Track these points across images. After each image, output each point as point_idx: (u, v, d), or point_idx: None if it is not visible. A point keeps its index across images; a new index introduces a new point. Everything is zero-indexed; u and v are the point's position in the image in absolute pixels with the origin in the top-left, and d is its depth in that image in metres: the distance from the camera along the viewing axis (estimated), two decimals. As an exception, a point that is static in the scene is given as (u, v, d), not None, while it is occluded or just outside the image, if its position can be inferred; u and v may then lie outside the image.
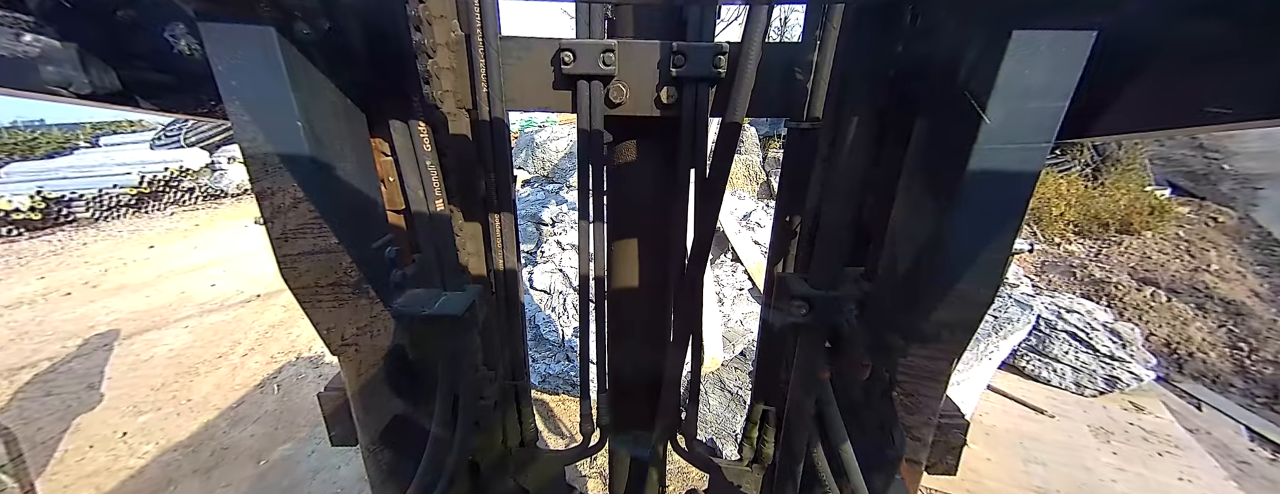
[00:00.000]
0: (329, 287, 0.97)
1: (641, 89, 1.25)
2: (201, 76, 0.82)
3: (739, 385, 5.00)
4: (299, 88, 0.80)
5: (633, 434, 1.89)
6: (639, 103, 1.27)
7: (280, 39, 0.76)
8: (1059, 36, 0.65)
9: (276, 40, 0.75)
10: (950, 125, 0.79)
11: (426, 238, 1.30)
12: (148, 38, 0.83)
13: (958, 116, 0.73)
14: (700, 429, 4.97)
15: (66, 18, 0.74)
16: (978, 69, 0.72)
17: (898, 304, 0.96)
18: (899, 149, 0.99)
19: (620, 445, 1.94)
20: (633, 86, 1.25)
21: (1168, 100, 0.66)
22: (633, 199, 1.52)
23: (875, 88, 1.05)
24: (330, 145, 0.93)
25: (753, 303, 5.94)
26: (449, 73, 1.22)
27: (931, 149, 0.88)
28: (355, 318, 1.04)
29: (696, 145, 1.32)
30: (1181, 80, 0.64)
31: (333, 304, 0.99)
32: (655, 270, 1.61)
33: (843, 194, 1.18)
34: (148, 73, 0.85)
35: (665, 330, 1.72)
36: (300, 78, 0.81)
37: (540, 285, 6.46)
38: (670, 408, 1.74)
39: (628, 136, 1.44)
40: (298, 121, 0.81)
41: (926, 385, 0.97)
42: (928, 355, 0.93)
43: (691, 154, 1.33)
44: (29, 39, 0.71)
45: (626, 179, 1.50)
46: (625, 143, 1.45)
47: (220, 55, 0.74)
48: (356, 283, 0.99)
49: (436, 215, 1.29)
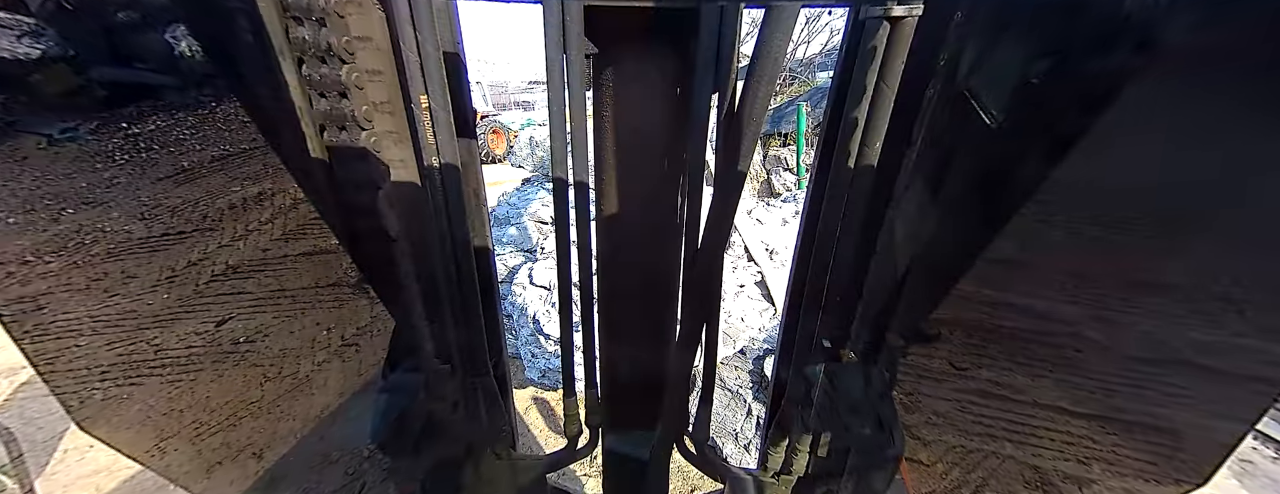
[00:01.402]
0: (329, 287, 0.97)
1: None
2: (202, 77, 0.82)
3: (739, 384, 5.00)
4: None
5: (630, 436, 1.66)
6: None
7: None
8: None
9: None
10: (955, 124, 0.79)
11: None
12: (149, 39, 0.83)
13: (962, 116, 0.73)
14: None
15: (68, 20, 0.74)
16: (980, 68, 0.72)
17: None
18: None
19: (615, 449, 1.69)
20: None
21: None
22: (628, 139, 1.09)
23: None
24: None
25: (753, 300, 5.91)
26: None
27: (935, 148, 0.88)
28: (356, 318, 1.04)
29: (721, 55, 0.93)
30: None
31: (333, 304, 0.99)
32: (659, 242, 1.26)
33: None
34: (148, 74, 0.85)
35: (671, 317, 1.43)
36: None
37: (540, 281, 6.45)
38: (676, 408, 1.49)
39: (619, 40, 0.99)
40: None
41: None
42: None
43: (714, 69, 0.94)
44: (30, 41, 0.71)
45: (618, 109, 1.06)
46: (615, 50, 1.00)
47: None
48: (357, 283, 0.99)
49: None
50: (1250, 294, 0.75)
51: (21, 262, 0.79)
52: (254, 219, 1.01)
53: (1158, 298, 0.84)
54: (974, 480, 1.20)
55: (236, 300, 1.05)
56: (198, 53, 0.84)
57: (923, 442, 1.26)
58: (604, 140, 1.11)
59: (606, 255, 1.29)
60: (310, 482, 1.28)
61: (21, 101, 0.73)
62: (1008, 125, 0.92)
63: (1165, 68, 0.69)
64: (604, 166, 1.15)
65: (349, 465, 1.36)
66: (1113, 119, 0.75)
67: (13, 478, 4.46)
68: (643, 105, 1.05)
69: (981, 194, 0.99)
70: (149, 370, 0.99)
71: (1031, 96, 0.89)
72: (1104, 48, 0.76)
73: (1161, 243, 0.83)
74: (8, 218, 0.76)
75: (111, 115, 0.81)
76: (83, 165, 0.80)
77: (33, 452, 4.92)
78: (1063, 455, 1.04)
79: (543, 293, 6.32)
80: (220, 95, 0.89)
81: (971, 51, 0.95)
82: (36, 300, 0.82)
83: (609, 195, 1.20)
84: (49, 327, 0.87)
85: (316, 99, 1.06)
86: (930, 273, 1.11)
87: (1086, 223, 0.87)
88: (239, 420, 1.15)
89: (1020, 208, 0.89)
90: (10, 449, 4.77)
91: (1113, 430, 0.96)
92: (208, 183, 0.93)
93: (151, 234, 0.90)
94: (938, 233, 1.09)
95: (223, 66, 0.88)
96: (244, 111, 0.92)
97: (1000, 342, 1.04)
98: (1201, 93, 0.69)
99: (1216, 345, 0.81)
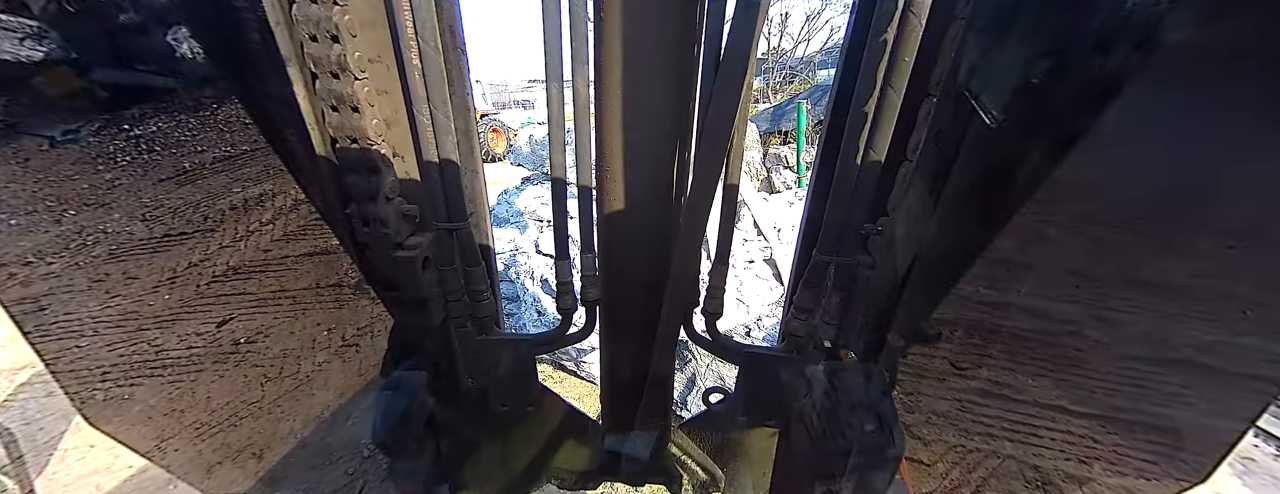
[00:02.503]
0: (330, 288, 0.97)
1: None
2: (204, 79, 0.82)
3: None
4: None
5: (632, 310, 1.41)
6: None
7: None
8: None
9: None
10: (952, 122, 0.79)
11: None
12: (151, 41, 0.83)
13: (964, 115, 0.73)
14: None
15: (70, 22, 0.74)
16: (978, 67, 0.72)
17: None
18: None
19: (615, 325, 1.45)
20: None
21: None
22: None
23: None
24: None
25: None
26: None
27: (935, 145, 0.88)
28: (355, 318, 1.04)
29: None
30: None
31: (333, 304, 0.99)
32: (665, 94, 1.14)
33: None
34: (150, 76, 0.85)
35: (683, 169, 1.25)
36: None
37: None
38: (685, 275, 1.24)
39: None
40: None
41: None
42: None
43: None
44: (33, 43, 0.71)
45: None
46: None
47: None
48: (357, 283, 0.99)
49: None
50: (1251, 293, 0.75)
51: (24, 263, 0.79)
52: (255, 220, 1.01)
53: (1158, 297, 0.84)
54: (974, 480, 1.20)
55: (238, 301, 1.05)
56: (201, 56, 0.84)
57: (923, 441, 1.26)
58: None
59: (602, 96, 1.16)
60: (310, 481, 1.28)
61: (35, 102, 0.73)
62: (1009, 124, 0.92)
63: (1167, 67, 0.69)
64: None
65: (349, 465, 1.37)
66: (1114, 118, 0.75)
67: (13, 478, 4.46)
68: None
69: (983, 193, 0.99)
70: (150, 371, 0.99)
71: (1033, 96, 0.89)
72: (1106, 47, 0.76)
73: (1162, 242, 0.83)
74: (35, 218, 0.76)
75: (114, 117, 0.81)
76: (86, 166, 0.80)
77: (33, 452, 4.92)
78: (1063, 455, 1.04)
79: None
80: (222, 97, 0.89)
81: (975, 51, 0.96)
82: (39, 301, 0.82)
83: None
84: (50, 327, 0.87)
85: (318, 99, 1.06)
86: (932, 271, 1.11)
87: (1087, 222, 0.87)
88: (240, 420, 1.15)
89: (1022, 207, 0.89)
90: (10, 450, 4.77)
91: (1113, 429, 0.96)
92: (209, 184, 0.93)
93: (153, 235, 0.90)
94: (939, 231, 1.09)
95: (226, 68, 0.88)
96: (246, 112, 0.92)
97: (1001, 341, 1.04)
98: (1202, 92, 0.69)
99: (1217, 344, 0.81)
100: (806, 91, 11.53)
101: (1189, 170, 0.77)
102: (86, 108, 0.80)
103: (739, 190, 1.32)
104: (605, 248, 1.33)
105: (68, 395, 0.85)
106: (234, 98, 0.90)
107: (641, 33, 1.01)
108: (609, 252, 1.32)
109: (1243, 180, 0.73)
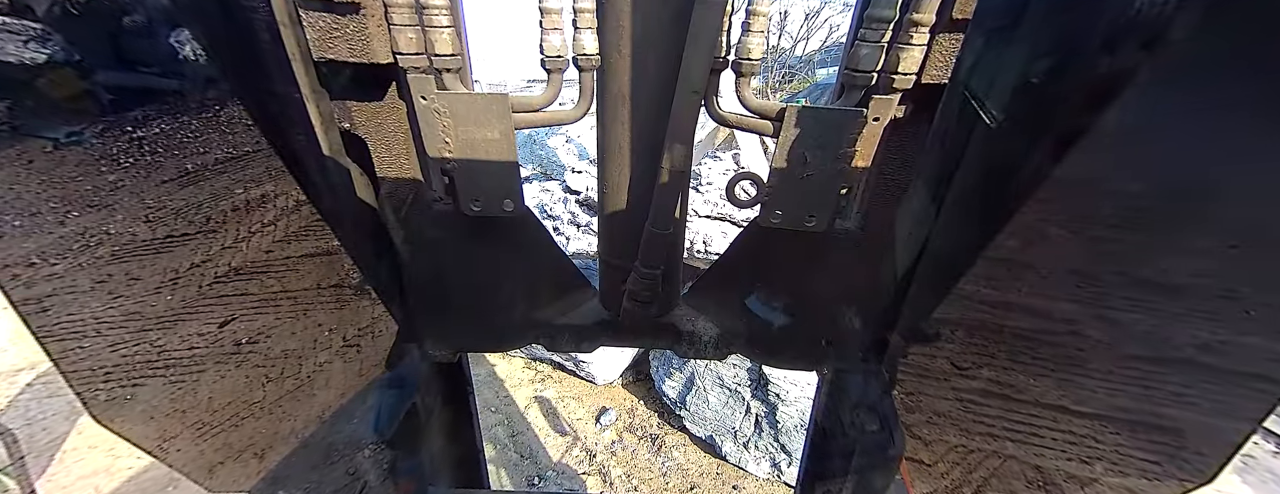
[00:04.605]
0: (331, 288, 0.97)
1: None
2: (207, 80, 0.82)
3: (737, 382, 5.00)
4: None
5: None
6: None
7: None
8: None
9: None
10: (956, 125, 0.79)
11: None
12: (154, 43, 0.83)
13: (966, 115, 0.73)
14: (699, 427, 4.98)
15: (73, 24, 0.74)
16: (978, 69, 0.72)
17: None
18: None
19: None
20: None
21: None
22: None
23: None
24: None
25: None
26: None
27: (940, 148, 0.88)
28: (357, 318, 1.04)
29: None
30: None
31: (334, 305, 0.99)
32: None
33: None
34: (154, 78, 0.85)
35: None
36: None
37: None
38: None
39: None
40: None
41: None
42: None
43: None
44: (36, 46, 0.71)
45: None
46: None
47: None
48: (359, 284, 0.99)
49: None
50: (1254, 293, 0.75)
51: (28, 264, 0.79)
52: (257, 221, 1.02)
53: (1161, 296, 0.84)
54: (975, 480, 1.20)
55: (240, 302, 1.05)
56: (204, 57, 0.84)
57: (924, 441, 1.27)
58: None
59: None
60: (311, 481, 1.29)
61: (39, 105, 0.73)
62: (1011, 124, 0.92)
63: (1170, 66, 0.69)
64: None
65: (349, 465, 1.37)
66: (1116, 117, 0.75)
67: (14, 479, 4.46)
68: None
69: (985, 192, 0.99)
70: (153, 371, 0.99)
71: (1034, 95, 0.89)
72: (1107, 47, 0.76)
73: (1164, 241, 0.83)
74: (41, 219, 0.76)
75: (118, 119, 0.81)
76: (89, 168, 0.80)
77: (34, 453, 4.92)
78: (1065, 455, 1.04)
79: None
80: (225, 98, 0.89)
81: (976, 50, 0.96)
82: (43, 302, 0.83)
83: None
84: (54, 328, 0.87)
85: (322, 99, 1.06)
86: (934, 271, 1.11)
87: (1089, 221, 0.87)
88: (242, 420, 1.15)
89: (1023, 206, 0.89)
90: (11, 451, 4.78)
91: (1116, 429, 0.96)
92: (212, 185, 0.93)
93: (156, 236, 0.90)
94: (941, 231, 1.09)
95: (229, 69, 0.88)
96: (248, 114, 0.92)
97: (1003, 340, 1.04)
98: (1204, 92, 0.69)
99: (1220, 344, 0.81)
100: (806, 90, 11.51)
101: (1191, 169, 0.77)
102: (90, 110, 0.80)
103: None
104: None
105: (75, 395, 0.85)
106: (237, 99, 0.90)
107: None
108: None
109: (1245, 179, 0.73)
